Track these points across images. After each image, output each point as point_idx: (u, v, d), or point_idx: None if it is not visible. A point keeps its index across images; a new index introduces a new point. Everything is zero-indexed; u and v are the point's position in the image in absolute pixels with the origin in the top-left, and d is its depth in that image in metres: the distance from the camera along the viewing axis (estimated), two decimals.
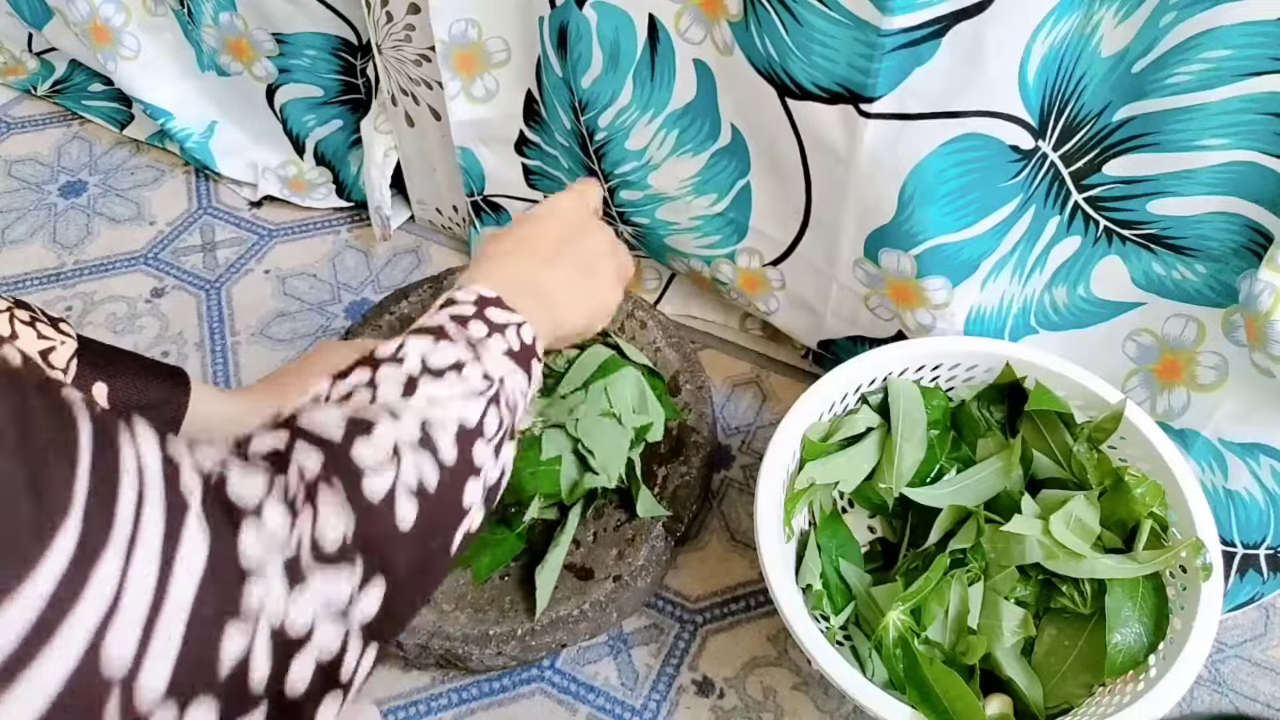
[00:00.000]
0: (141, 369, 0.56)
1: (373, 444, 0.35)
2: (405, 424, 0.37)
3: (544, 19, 0.69)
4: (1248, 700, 0.67)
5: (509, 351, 0.44)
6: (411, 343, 0.41)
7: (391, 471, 0.35)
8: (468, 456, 0.39)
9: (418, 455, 0.36)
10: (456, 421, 0.39)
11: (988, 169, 0.58)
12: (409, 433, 0.37)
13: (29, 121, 1.08)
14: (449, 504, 0.38)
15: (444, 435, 0.38)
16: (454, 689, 0.66)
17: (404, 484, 0.35)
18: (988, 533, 0.60)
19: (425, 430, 0.37)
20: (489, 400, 0.41)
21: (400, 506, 0.35)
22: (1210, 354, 0.64)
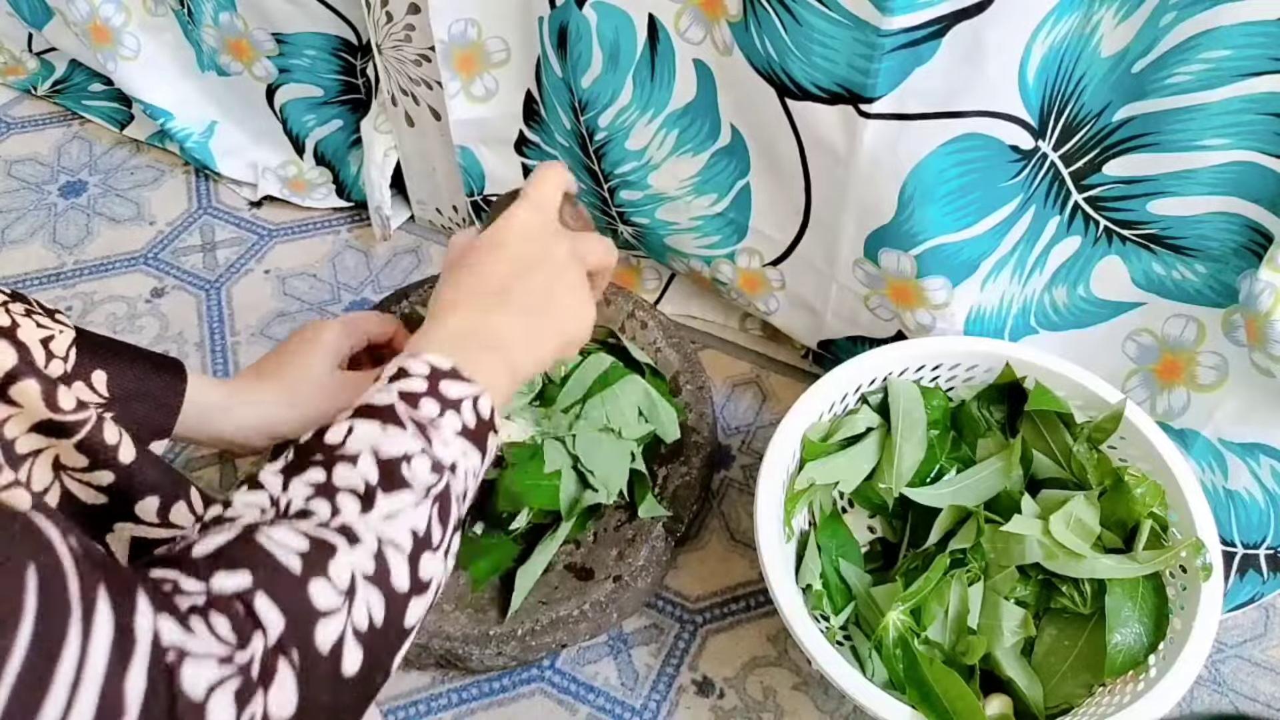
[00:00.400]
0: (140, 358, 0.56)
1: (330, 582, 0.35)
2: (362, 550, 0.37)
3: (544, 19, 0.69)
4: (1248, 700, 0.67)
5: (464, 429, 0.42)
6: (361, 429, 0.40)
7: (343, 615, 0.35)
8: (416, 575, 0.39)
9: (368, 591, 0.37)
10: (410, 536, 0.39)
11: (988, 169, 0.58)
12: (364, 562, 0.37)
13: (29, 121, 1.08)
14: (393, 634, 0.38)
15: (397, 557, 0.38)
16: (454, 689, 0.66)
17: (353, 628, 0.36)
18: (988, 533, 0.60)
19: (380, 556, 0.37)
20: (436, 499, 0.40)
21: (347, 655, 0.35)
22: (1210, 354, 0.64)
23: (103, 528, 0.45)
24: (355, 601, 0.36)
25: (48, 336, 0.50)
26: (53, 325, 0.51)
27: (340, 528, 0.37)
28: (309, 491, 0.38)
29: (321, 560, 0.36)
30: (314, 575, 0.35)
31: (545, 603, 0.64)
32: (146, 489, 0.45)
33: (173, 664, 0.30)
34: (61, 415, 0.42)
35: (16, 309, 0.50)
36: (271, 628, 0.33)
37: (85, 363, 0.52)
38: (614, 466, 0.67)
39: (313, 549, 0.36)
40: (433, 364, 0.43)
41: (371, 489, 0.39)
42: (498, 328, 0.48)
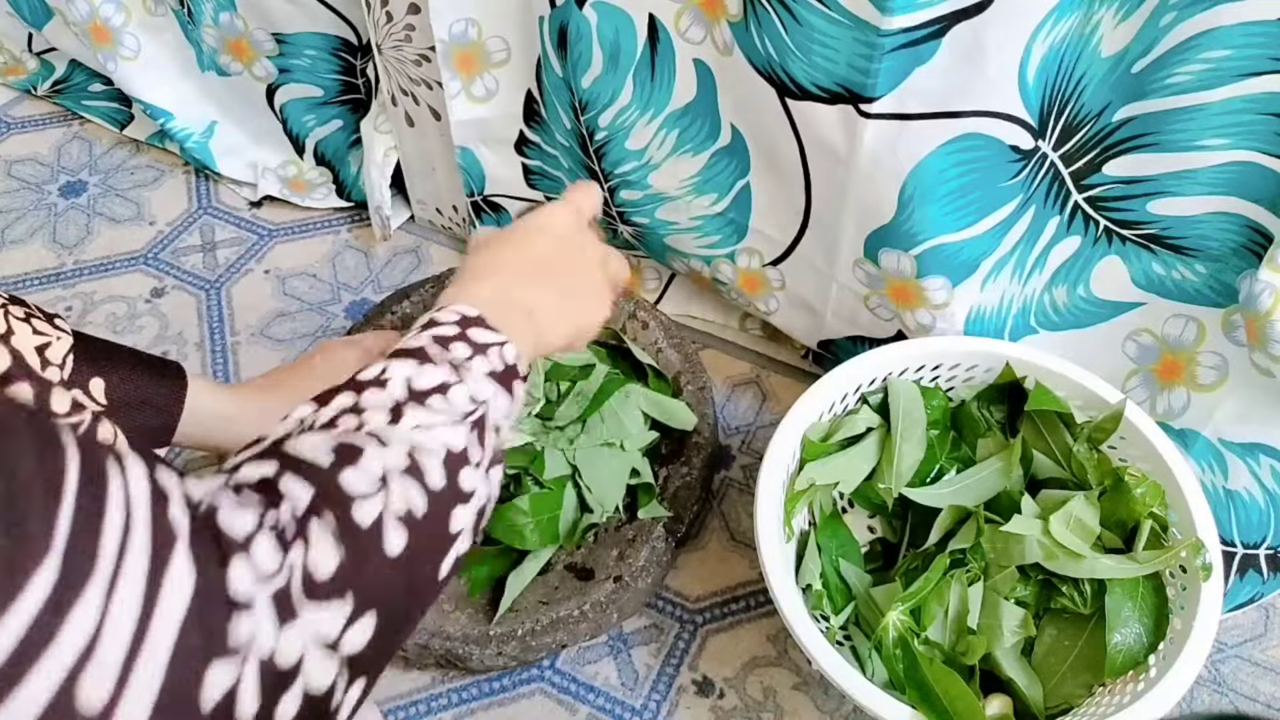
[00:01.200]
0: (138, 364, 0.56)
1: (361, 471, 0.35)
2: (393, 451, 0.37)
3: (544, 19, 0.69)
4: (1248, 700, 0.67)
5: (492, 373, 0.43)
6: (395, 366, 0.41)
7: (380, 499, 0.35)
8: (455, 483, 0.39)
9: (405, 483, 0.36)
10: (444, 447, 0.39)
11: (988, 169, 0.58)
12: (397, 460, 0.37)
13: (29, 121, 1.08)
14: (437, 530, 0.38)
15: (432, 462, 0.38)
16: (454, 689, 0.66)
17: (393, 512, 0.35)
18: (987, 533, 0.60)
19: (413, 457, 0.37)
20: (474, 424, 0.41)
21: (389, 535, 0.35)
22: (1210, 354, 0.64)
23: None
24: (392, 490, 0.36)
25: (44, 344, 0.50)
26: (50, 331, 0.51)
27: (369, 433, 0.37)
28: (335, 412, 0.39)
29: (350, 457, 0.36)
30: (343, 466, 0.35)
31: (545, 603, 0.64)
32: None
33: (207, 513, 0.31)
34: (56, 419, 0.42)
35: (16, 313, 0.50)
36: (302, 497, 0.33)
37: (83, 370, 0.52)
38: (611, 483, 0.67)
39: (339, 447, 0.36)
40: (462, 312, 0.45)
41: (400, 405, 0.39)
42: (530, 296, 0.49)
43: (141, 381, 0.55)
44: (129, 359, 0.55)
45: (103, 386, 0.53)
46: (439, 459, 0.38)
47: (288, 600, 0.31)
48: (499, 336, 0.45)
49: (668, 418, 0.72)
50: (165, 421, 0.56)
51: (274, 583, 0.31)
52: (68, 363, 0.51)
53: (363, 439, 0.37)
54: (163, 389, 0.56)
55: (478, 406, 0.41)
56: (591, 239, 0.54)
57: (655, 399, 0.72)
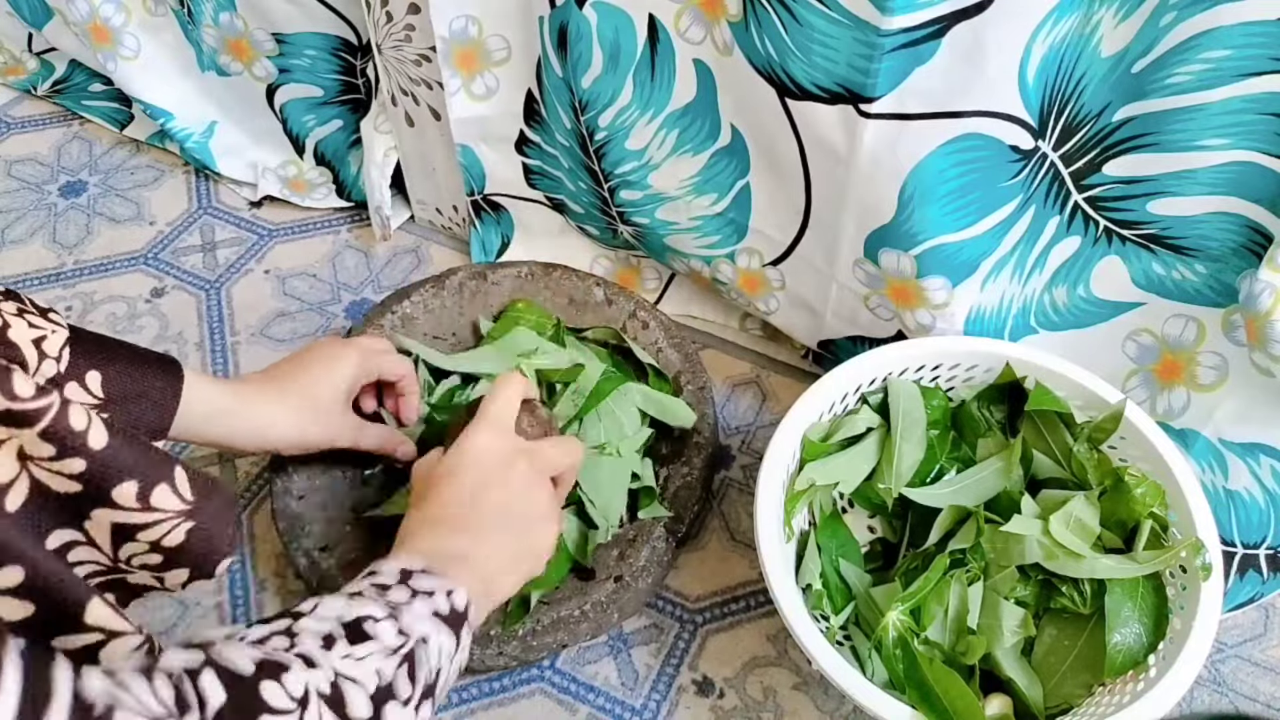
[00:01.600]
0: (135, 357, 0.55)
1: (282, 687, 0.35)
2: (319, 674, 0.37)
3: (544, 19, 0.69)
4: (1248, 700, 0.67)
5: (436, 613, 0.43)
6: (327, 600, 0.41)
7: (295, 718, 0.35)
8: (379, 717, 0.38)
9: (323, 708, 0.36)
10: (373, 678, 0.39)
11: (988, 169, 0.58)
12: (321, 684, 0.36)
13: (29, 121, 1.08)
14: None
15: (357, 693, 0.38)
16: (454, 689, 0.66)
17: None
18: (987, 533, 0.60)
19: (337, 686, 0.37)
20: (404, 658, 0.40)
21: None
22: (1210, 354, 0.64)
23: (79, 516, 0.44)
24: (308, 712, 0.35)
25: (40, 337, 0.50)
26: (45, 325, 0.51)
27: (298, 654, 0.37)
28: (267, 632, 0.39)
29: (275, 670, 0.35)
30: (265, 679, 0.34)
31: (546, 603, 0.64)
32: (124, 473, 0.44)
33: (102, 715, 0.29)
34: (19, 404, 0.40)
35: (9, 308, 0.49)
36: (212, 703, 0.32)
37: (80, 363, 0.52)
38: (614, 493, 0.67)
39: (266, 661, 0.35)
40: (404, 565, 0.45)
41: (332, 637, 0.39)
42: (463, 547, 0.50)
43: (138, 375, 0.54)
44: (126, 353, 0.55)
45: (99, 380, 0.52)
46: (366, 691, 0.38)
47: None
48: (445, 582, 0.45)
49: (666, 415, 0.72)
50: (162, 415, 0.55)
51: None
52: (64, 355, 0.51)
53: (290, 658, 0.37)
54: (159, 383, 0.55)
55: (408, 639, 0.41)
56: (514, 454, 0.54)
57: (653, 396, 0.72)
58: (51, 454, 0.42)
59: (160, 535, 0.46)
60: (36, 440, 0.42)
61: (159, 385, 0.55)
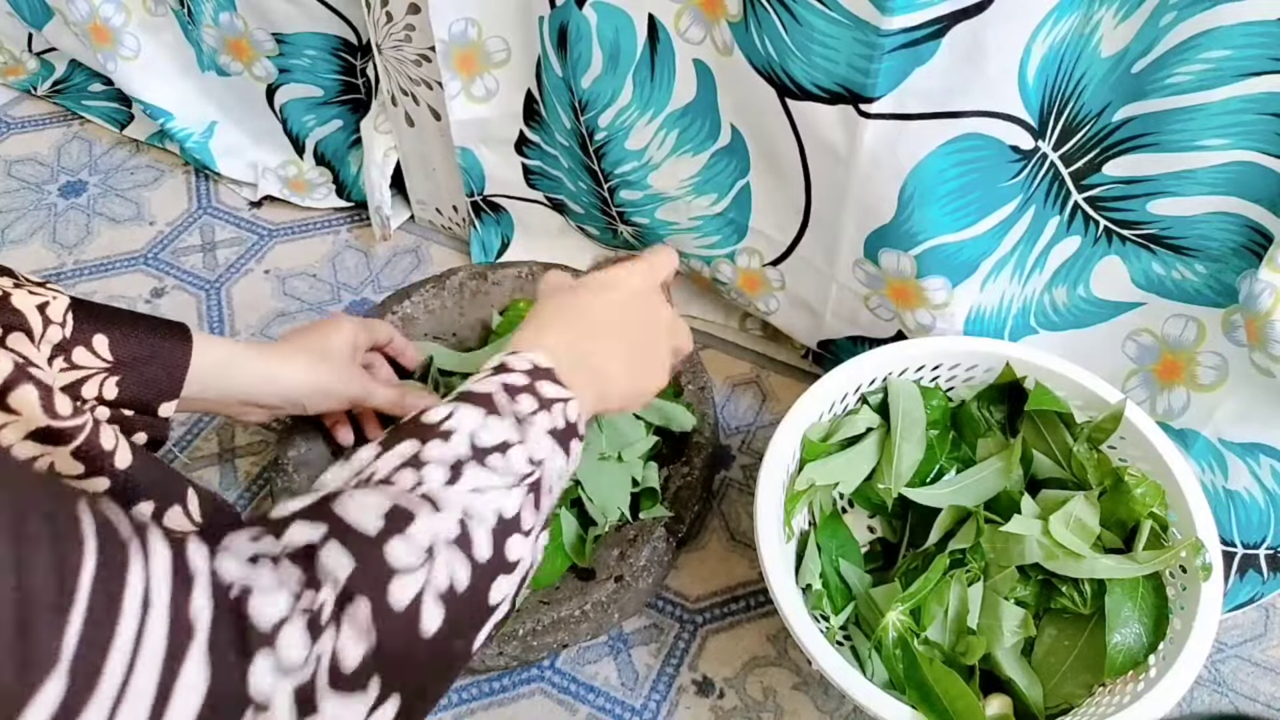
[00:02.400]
0: (141, 321, 0.54)
1: (409, 541, 0.35)
2: (445, 517, 0.36)
3: (544, 19, 0.69)
4: (1248, 700, 0.67)
5: (553, 430, 0.43)
6: (462, 414, 0.40)
7: (423, 574, 0.34)
8: (501, 552, 0.38)
9: (451, 553, 0.36)
10: (496, 514, 0.38)
11: (988, 169, 0.58)
12: (447, 528, 0.36)
13: (29, 121, 1.08)
14: (476, 604, 0.37)
15: (482, 531, 0.37)
16: (454, 688, 0.66)
17: (434, 588, 0.35)
18: (987, 533, 0.60)
19: (464, 525, 0.37)
20: (530, 488, 0.40)
21: (426, 613, 0.34)
22: (1210, 354, 0.64)
23: None
24: (436, 564, 0.35)
25: (43, 302, 0.49)
26: (46, 293, 0.50)
27: (424, 495, 0.37)
28: (397, 463, 0.38)
29: (400, 523, 0.35)
30: (391, 535, 0.34)
31: (546, 602, 0.64)
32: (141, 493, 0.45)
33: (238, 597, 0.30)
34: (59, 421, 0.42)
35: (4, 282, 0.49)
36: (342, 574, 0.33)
37: (84, 327, 0.51)
38: (613, 494, 0.67)
39: (392, 512, 0.35)
40: (535, 362, 0.45)
41: (460, 464, 0.39)
42: (595, 354, 0.49)
43: (146, 337, 0.54)
44: (130, 317, 0.54)
45: (106, 343, 0.52)
46: (489, 527, 0.38)
47: (310, 694, 0.30)
48: (565, 392, 0.45)
49: (666, 421, 0.71)
50: (172, 377, 0.54)
51: (297, 676, 0.30)
52: (68, 320, 0.50)
53: (416, 501, 0.36)
54: (168, 343, 0.54)
55: (535, 469, 0.41)
56: (663, 304, 0.55)
57: (654, 402, 0.72)
58: (80, 473, 0.43)
59: None
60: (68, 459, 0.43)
61: (168, 345, 0.54)
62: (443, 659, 0.36)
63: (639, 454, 0.69)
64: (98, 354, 0.51)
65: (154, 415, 0.54)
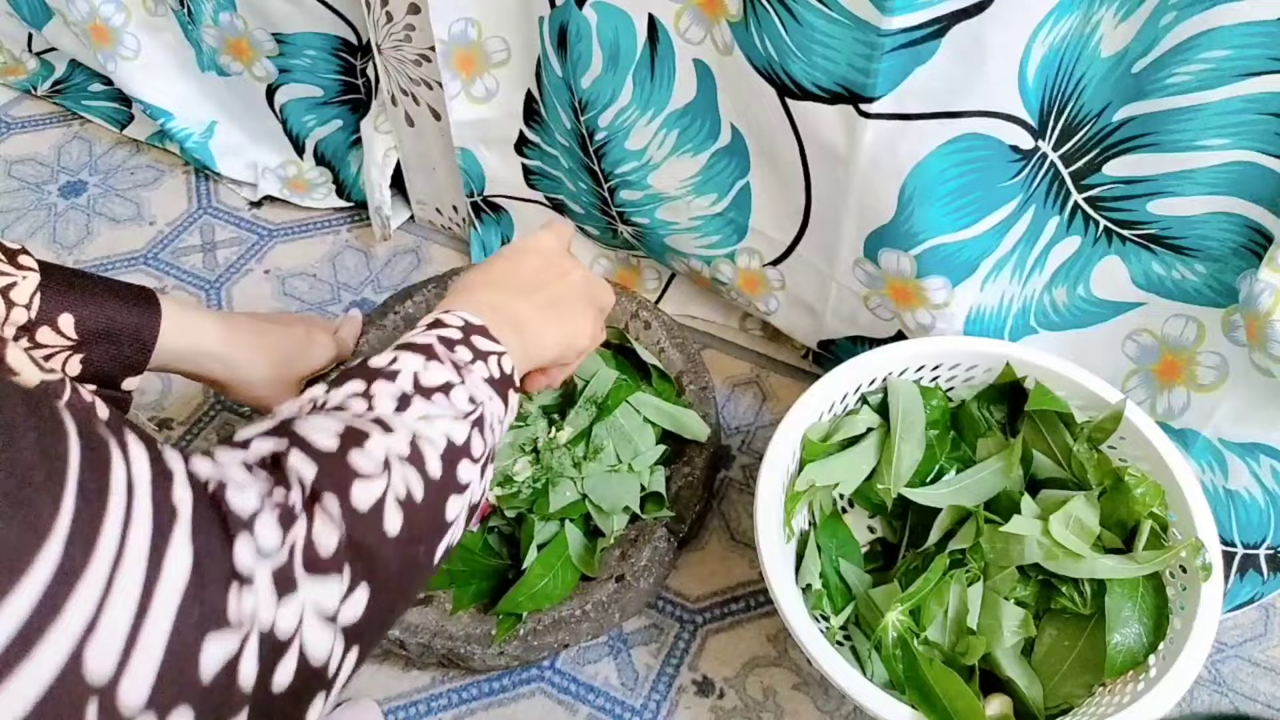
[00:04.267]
0: (108, 294, 0.55)
1: (366, 454, 0.37)
2: (397, 437, 0.39)
3: (544, 19, 0.69)
4: (1248, 700, 0.67)
5: (489, 379, 0.46)
6: (404, 358, 0.43)
7: (382, 481, 0.37)
8: (453, 473, 0.41)
9: (406, 468, 0.38)
10: (444, 439, 0.41)
11: (987, 169, 0.58)
12: (400, 446, 0.39)
13: (29, 121, 1.08)
14: (433, 516, 0.39)
15: (432, 451, 0.40)
16: (454, 689, 0.66)
17: (393, 493, 0.37)
18: (987, 533, 0.60)
19: (415, 445, 0.39)
20: (474, 423, 0.43)
21: (388, 515, 0.37)
22: (1210, 354, 0.64)
23: None
24: (393, 474, 0.37)
25: (8, 285, 0.49)
26: (15, 272, 0.50)
27: (375, 419, 0.39)
28: (348, 394, 0.41)
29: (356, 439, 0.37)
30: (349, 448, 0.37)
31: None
32: None
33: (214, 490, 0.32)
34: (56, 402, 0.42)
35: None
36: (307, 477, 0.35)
37: (51, 307, 0.52)
38: (620, 501, 0.67)
39: (346, 431, 0.37)
40: (466, 319, 0.48)
41: (407, 396, 0.41)
42: (520, 311, 0.52)
43: (113, 312, 0.54)
44: (100, 291, 0.55)
45: (72, 321, 0.52)
46: (439, 450, 0.40)
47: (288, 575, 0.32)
48: (498, 346, 0.48)
49: (679, 428, 0.71)
50: (140, 350, 0.55)
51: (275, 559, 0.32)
52: (35, 301, 0.51)
53: (369, 424, 0.38)
54: (135, 317, 0.55)
55: (477, 406, 0.44)
56: (575, 264, 0.58)
57: (666, 409, 0.71)
58: None
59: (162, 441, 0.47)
60: None
61: (135, 320, 0.55)
62: (408, 562, 0.38)
63: (648, 463, 0.69)
64: (63, 333, 0.52)
65: (116, 389, 0.55)
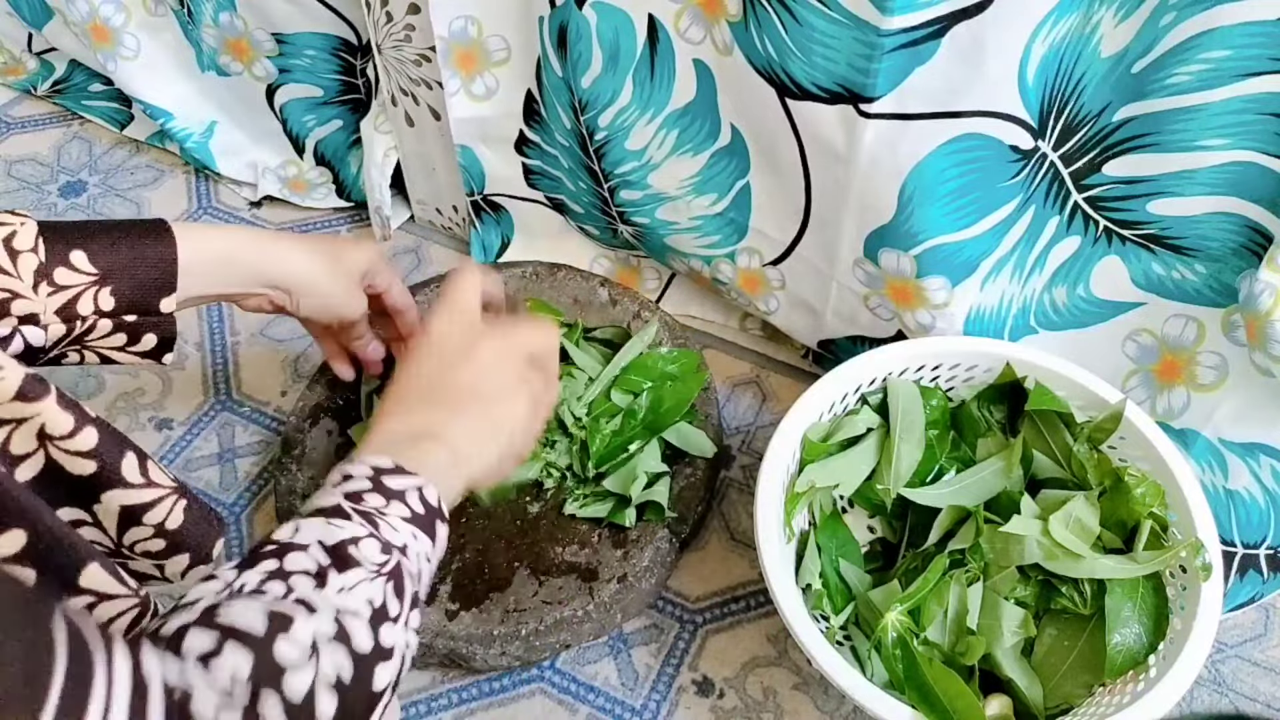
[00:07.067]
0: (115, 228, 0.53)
1: (293, 641, 0.36)
2: (321, 617, 0.38)
3: (544, 19, 0.69)
4: (1248, 700, 0.67)
5: (410, 517, 0.44)
6: (307, 526, 0.42)
7: (311, 668, 0.36)
8: (379, 642, 0.40)
9: (334, 649, 0.38)
10: (368, 606, 0.40)
11: (987, 169, 0.58)
12: (326, 627, 0.38)
13: (29, 121, 1.08)
14: (364, 692, 0.39)
15: (358, 625, 0.39)
16: (454, 689, 0.66)
17: (323, 680, 0.37)
18: (987, 533, 0.60)
19: (339, 622, 0.38)
20: (389, 576, 0.41)
21: (321, 703, 0.36)
22: (1210, 354, 0.64)
23: (90, 499, 0.45)
24: (321, 659, 0.37)
25: (9, 234, 0.48)
26: (11, 219, 0.49)
27: (297, 600, 0.38)
28: (263, 576, 0.40)
29: (283, 625, 0.37)
30: (276, 635, 0.36)
31: (549, 603, 0.64)
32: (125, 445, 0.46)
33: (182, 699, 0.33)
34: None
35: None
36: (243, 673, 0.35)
37: (59, 248, 0.50)
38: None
39: (272, 617, 0.37)
40: (374, 464, 0.45)
41: (324, 569, 0.40)
42: (433, 422, 0.49)
43: (124, 242, 0.52)
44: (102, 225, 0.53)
45: (85, 256, 0.50)
46: (364, 620, 0.39)
47: None
48: (415, 480, 0.45)
49: (687, 445, 0.71)
50: (164, 273, 0.53)
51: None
52: (40, 245, 0.49)
53: (291, 608, 0.38)
54: (148, 242, 0.53)
55: (391, 556, 0.42)
56: (484, 333, 0.53)
57: (677, 427, 0.71)
58: (71, 428, 0.43)
59: (163, 516, 0.47)
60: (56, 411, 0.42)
61: (148, 243, 0.53)
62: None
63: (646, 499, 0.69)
64: (78, 269, 0.50)
65: (157, 314, 0.53)
